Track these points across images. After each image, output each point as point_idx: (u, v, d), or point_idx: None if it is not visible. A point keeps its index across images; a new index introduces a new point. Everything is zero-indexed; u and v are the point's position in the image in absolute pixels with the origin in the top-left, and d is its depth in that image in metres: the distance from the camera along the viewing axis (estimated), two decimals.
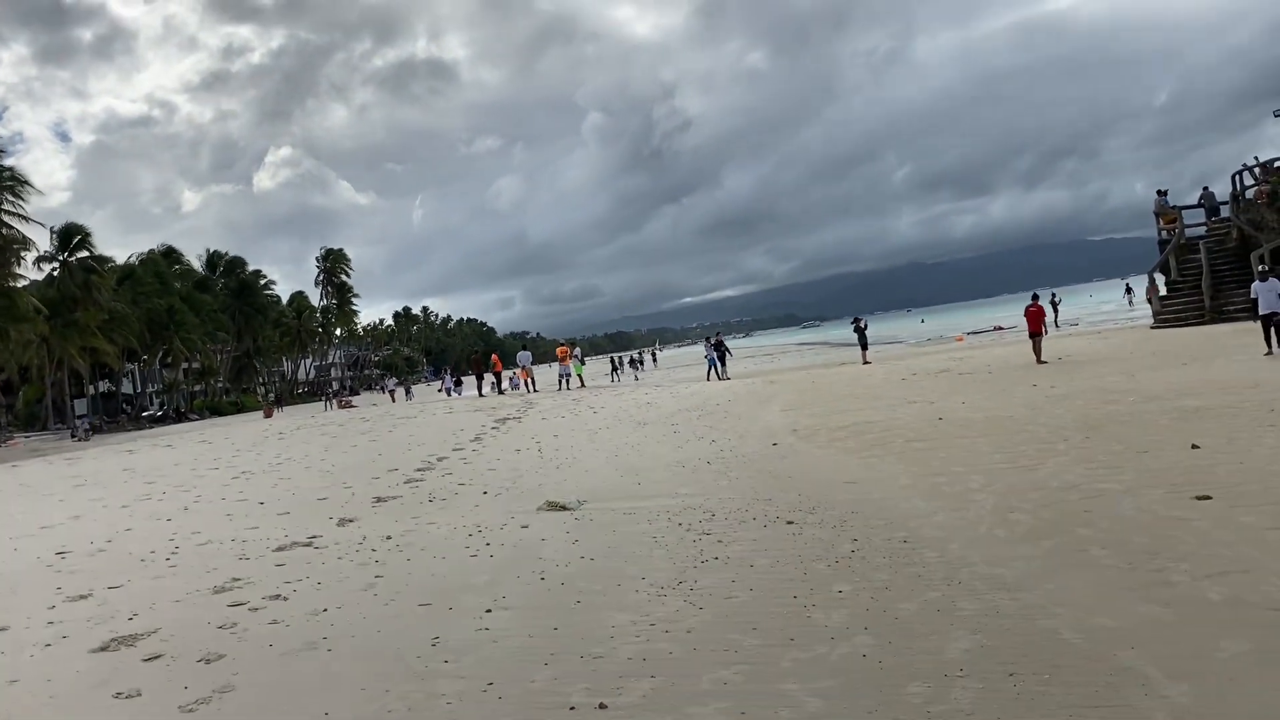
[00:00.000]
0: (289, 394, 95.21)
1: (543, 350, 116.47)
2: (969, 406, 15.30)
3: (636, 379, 38.91)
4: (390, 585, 6.81)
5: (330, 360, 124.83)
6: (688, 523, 8.47)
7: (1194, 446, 9.31)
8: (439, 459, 14.49)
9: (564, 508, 9.59)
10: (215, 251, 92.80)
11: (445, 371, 64.45)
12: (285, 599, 6.57)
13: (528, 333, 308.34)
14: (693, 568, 6.83)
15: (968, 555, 6.53)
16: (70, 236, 64.22)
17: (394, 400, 50.93)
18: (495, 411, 23.91)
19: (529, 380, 32.71)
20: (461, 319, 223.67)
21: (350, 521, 9.59)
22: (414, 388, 72.18)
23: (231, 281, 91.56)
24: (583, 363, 35.45)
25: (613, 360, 49.30)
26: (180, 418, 71.98)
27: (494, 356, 35.32)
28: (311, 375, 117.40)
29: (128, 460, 20.03)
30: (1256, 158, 31.30)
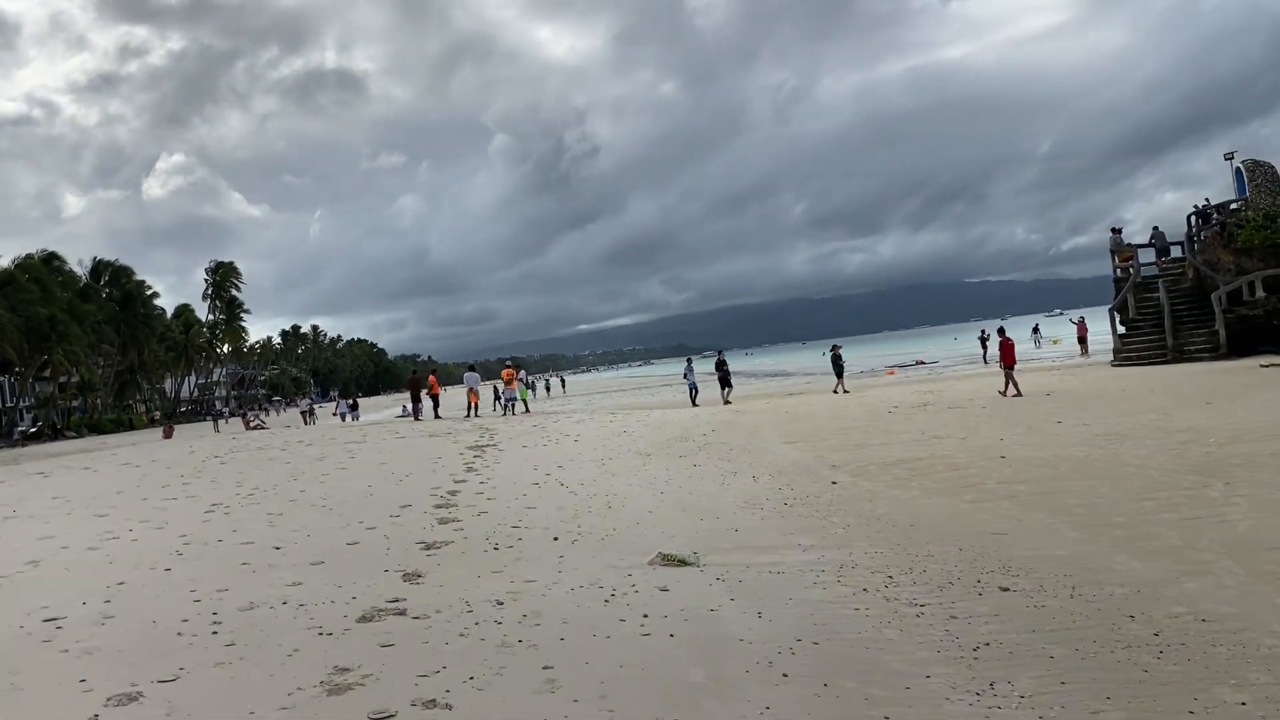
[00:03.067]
0: (174, 412, 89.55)
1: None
2: (1015, 443, 14.18)
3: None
4: (579, 685, 4.96)
5: (215, 378, 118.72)
6: (870, 587, 6.90)
7: None
8: (449, 493, 12.51)
9: (683, 562, 7.91)
10: (100, 260, 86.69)
11: (335, 394, 61.09)
12: (449, 708, 4.66)
13: (419, 355, 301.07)
14: (970, 657, 5.27)
15: None
16: None
17: (305, 422, 47.82)
18: (457, 438, 21.84)
19: (475, 404, 30.61)
20: (352, 339, 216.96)
21: (418, 577, 7.64)
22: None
23: (116, 292, 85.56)
24: (529, 387, 33.48)
25: (542, 382, 47.12)
26: (57, 435, 66.58)
27: (432, 378, 33.02)
28: (195, 394, 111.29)
29: (44, 484, 17.21)
30: (1208, 199, 31.80)
